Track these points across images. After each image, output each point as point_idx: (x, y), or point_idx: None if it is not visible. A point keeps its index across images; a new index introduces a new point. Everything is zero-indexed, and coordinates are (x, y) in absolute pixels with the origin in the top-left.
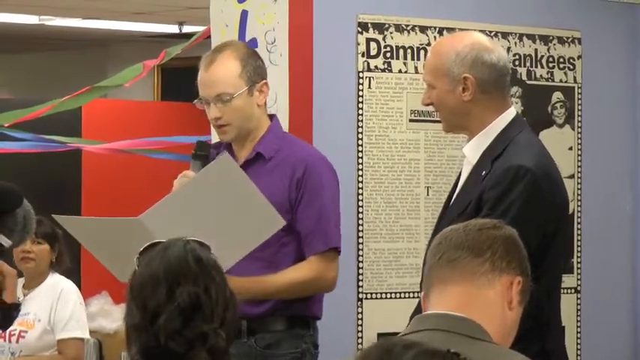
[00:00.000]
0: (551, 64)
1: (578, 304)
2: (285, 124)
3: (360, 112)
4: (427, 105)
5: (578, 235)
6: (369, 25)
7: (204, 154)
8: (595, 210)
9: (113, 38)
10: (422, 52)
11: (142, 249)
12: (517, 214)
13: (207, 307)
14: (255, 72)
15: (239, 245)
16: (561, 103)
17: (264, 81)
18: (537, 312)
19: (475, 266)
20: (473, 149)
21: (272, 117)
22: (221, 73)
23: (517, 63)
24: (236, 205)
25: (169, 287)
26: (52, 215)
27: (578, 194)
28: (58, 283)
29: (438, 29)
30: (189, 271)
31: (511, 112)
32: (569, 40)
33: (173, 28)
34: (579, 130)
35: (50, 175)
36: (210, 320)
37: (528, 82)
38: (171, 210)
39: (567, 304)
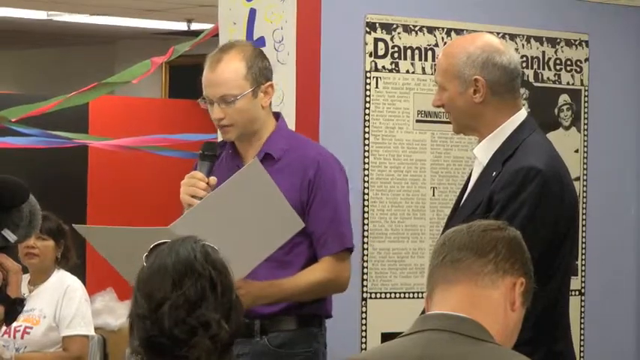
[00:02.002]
0: (558, 67)
1: (582, 307)
2: (292, 123)
3: (367, 111)
4: (438, 106)
5: (582, 237)
6: (377, 25)
7: (212, 155)
8: (600, 212)
9: (121, 35)
10: (429, 53)
11: (150, 247)
12: (527, 215)
13: (213, 299)
14: (261, 73)
15: (261, 248)
16: (568, 106)
17: (270, 82)
18: (547, 313)
19: (478, 267)
20: (484, 150)
21: (277, 116)
22: (226, 74)
23: (524, 65)
24: (261, 210)
25: (177, 279)
26: (73, 225)
27: (583, 196)
28: (63, 280)
29: (445, 30)
30: (197, 265)
31: (522, 114)
32: (577, 42)
33: (182, 26)
34: (585, 132)
35: (56, 170)
36: (214, 311)
37: (535, 84)
38: (201, 218)
39: (571, 307)
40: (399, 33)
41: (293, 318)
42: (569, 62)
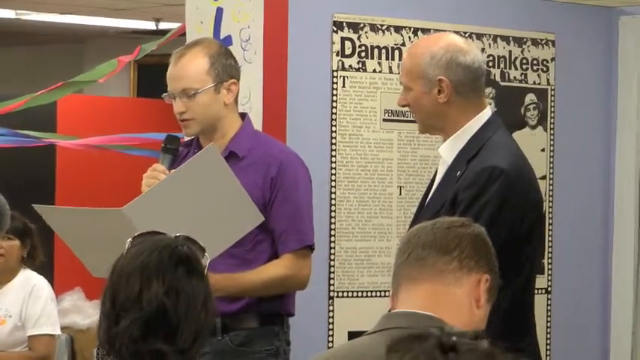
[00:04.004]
0: (524, 66)
1: (548, 305)
2: (259, 122)
3: (334, 111)
4: (403, 106)
5: (549, 235)
6: (344, 24)
7: (174, 148)
8: (566, 211)
9: (90, 34)
10: (396, 52)
11: (136, 234)
12: (491, 215)
13: (173, 322)
14: (224, 70)
15: (219, 240)
16: (534, 105)
17: (233, 80)
18: (512, 312)
19: (443, 264)
20: (448, 150)
21: (243, 116)
22: (188, 68)
23: (491, 64)
24: (218, 198)
25: (140, 289)
26: (33, 205)
27: (550, 195)
28: (29, 279)
29: (412, 29)
30: (163, 280)
31: (486, 113)
32: (543, 42)
33: (150, 25)
34: (552, 131)
35: (24, 170)
36: (171, 338)
37: (502, 83)
38: (154, 201)
39: (538, 305)
40: (366, 32)
41: (254, 316)
42: (535, 62)
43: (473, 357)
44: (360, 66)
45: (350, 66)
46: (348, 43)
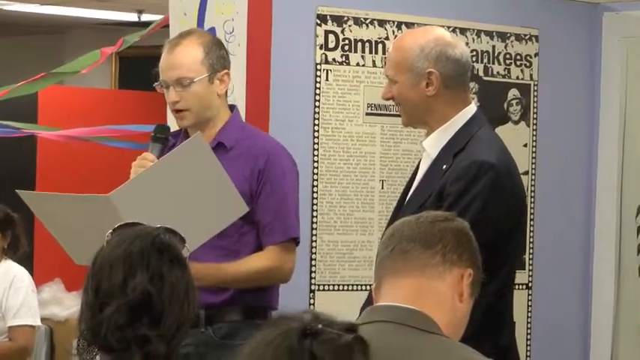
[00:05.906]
0: (508, 61)
1: (529, 300)
2: (241, 115)
3: (317, 104)
4: (387, 99)
5: (530, 231)
6: (328, 17)
7: (163, 137)
8: (548, 206)
9: (71, 25)
10: (380, 46)
11: (116, 226)
12: (479, 208)
13: (157, 309)
14: (218, 61)
15: (203, 229)
16: (517, 100)
17: (226, 71)
18: (492, 308)
19: (426, 258)
20: (433, 143)
21: (232, 108)
22: (183, 58)
23: (474, 59)
24: (203, 187)
25: (124, 277)
26: (16, 190)
27: (532, 190)
28: (10, 270)
29: (396, 23)
30: (147, 267)
31: (472, 108)
32: (527, 37)
33: (132, 16)
34: (534, 127)
35: (4, 161)
36: (155, 325)
37: (485, 78)
38: (140, 189)
39: (518, 300)
40: (349, 25)
41: (238, 309)
42: (518, 57)
43: (327, 348)
44: (344, 59)
45: (333, 59)
46: (331, 37)
